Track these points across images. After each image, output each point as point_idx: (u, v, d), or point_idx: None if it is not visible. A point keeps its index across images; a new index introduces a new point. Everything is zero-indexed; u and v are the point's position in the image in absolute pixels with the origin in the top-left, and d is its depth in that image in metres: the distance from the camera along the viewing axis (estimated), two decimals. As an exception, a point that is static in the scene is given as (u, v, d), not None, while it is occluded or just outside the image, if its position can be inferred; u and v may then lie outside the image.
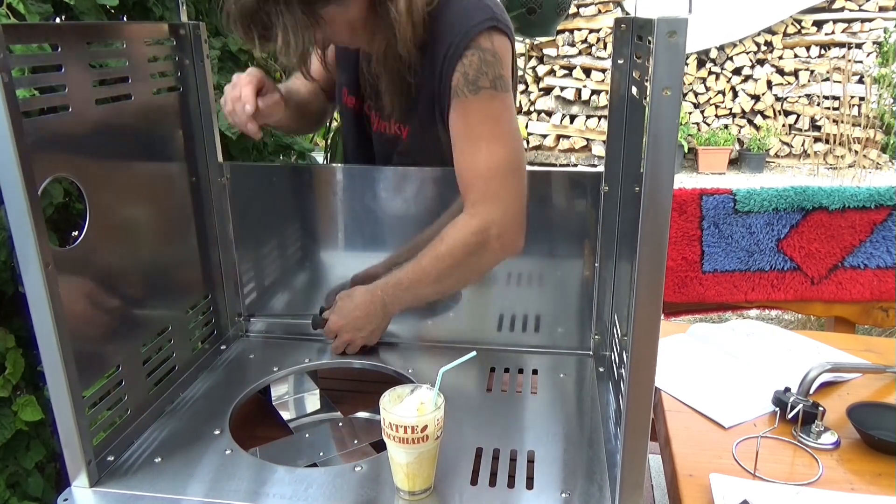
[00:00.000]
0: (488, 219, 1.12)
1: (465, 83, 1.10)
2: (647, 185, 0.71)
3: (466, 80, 1.10)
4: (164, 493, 0.90)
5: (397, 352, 1.27)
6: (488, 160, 1.11)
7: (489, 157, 1.11)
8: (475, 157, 1.12)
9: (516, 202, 1.14)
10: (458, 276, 1.19)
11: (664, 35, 0.66)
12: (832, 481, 1.04)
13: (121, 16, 1.45)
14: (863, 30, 6.79)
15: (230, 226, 1.31)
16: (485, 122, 1.12)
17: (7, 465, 1.27)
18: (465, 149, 1.13)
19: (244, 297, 1.37)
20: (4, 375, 1.22)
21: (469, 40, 1.09)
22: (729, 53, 7.04)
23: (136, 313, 1.09)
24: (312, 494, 0.89)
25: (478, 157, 1.12)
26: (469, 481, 0.92)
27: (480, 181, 1.13)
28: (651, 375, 0.78)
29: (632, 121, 1.04)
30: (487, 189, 1.12)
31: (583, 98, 7.32)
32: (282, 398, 1.25)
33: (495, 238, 1.13)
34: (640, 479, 0.82)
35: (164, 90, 1.15)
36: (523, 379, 1.19)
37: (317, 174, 1.31)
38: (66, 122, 0.92)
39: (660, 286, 0.75)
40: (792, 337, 1.52)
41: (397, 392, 0.91)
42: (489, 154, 1.11)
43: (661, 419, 1.24)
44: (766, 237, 1.92)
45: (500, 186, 1.12)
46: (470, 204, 1.14)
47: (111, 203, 1.02)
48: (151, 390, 1.11)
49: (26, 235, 0.82)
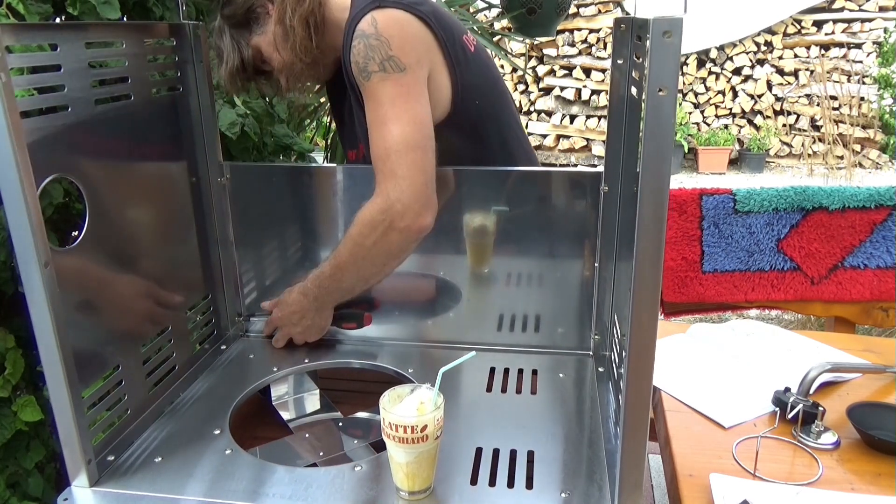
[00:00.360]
0: (391, 196, 1.13)
1: (358, 72, 1.14)
2: (644, 185, 0.72)
3: (359, 69, 1.13)
4: (164, 493, 0.90)
5: (397, 352, 1.27)
6: (385, 140, 1.13)
7: (387, 137, 1.13)
8: (376, 138, 1.14)
9: (418, 176, 1.14)
10: (372, 259, 1.18)
11: (659, 35, 0.67)
12: (832, 481, 1.04)
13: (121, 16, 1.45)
14: (863, 30, 6.79)
15: (230, 226, 1.31)
16: (381, 105, 1.13)
17: (7, 465, 1.26)
18: (371, 133, 1.15)
19: (244, 297, 1.37)
20: (4, 375, 1.22)
21: (353, 30, 1.13)
22: (729, 53, 7.04)
23: (135, 313, 1.09)
24: (312, 494, 0.89)
25: (378, 139, 1.14)
26: (469, 481, 0.92)
27: (381, 161, 1.14)
28: (649, 374, 0.78)
29: (631, 121, 1.04)
30: (387, 168, 1.13)
31: (583, 98, 7.32)
32: (282, 398, 1.25)
33: (399, 215, 1.13)
34: (640, 479, 0.82)
35: (164, 90, 1.15)
36: (523, 379, 1.19)
37: (317, 174, 1.31)
38: (66, 122, 0.92)
39: (657, 285, 0.75)
40: (792, 337, 1.52)
41: (397, 392, 0.91)
42: (386, 134, 1.13)
43: (661, 419, 1.24)
44: (766, 237, 1.92)
45: (400, 164, 1.13)
46: (376, 185, 1.16)
47: (111, 203, 1.02)
48: (151, 390, 1.11)
49: (25, 235, 0.82)
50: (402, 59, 1.12)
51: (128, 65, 1.05)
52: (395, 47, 1.12)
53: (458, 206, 1.25)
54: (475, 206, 1.25)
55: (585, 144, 7.40)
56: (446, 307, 1.31)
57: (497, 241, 1.26)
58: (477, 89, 1.26)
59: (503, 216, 1.24)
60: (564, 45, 7.24)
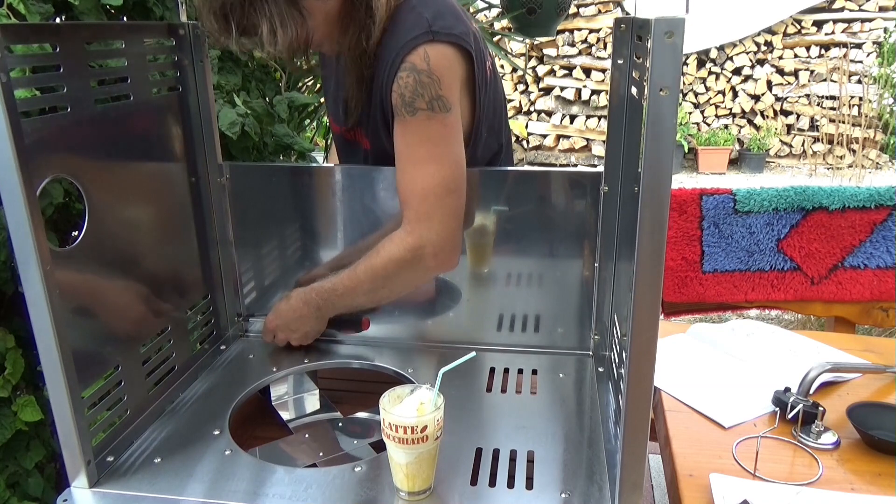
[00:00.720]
0: (423, 238, 1.14)
1: (402, 104, 1.10)
2: (644, 185, 0.71)
3: (403, 102, 1.10)
4: (163, 494, 0.90)
5: (397, 352, 1.27)
6: (424, 181, 1.12)
7: (425, 178, 1.12)
8: (413, 176, 1.14)
9: (452, 222, 1.16)
10: (390, 288, 1.22)
11: (661, 35, 0.67)
12: (832, 481, 1.04)
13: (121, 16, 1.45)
14: (863, 30, 6.78)
15: (230, 226, 1.31)
16: (422, 144, 1.12)
17: (7, 465, 1.26)
18: (405, 167, 1.14)
19: (244, 298, 1.37)
20: (4, 375, 1.22)
21: (403, 58, 1.09)
22: (729, 53, 7.03)
23: (135, 313, 1.09)
24: (312, 494, 0.89)
25: (415, 177, 1.13)
26: (469, 481, 0.91)
27: (417, 200, 1.14)
28: (650, 375, 0.78)
29: (631, 121, 1.04)
30: (423, 209, 1.14)
31: (583, 98, 7.32)
32: (281, 398, 1.25)
33: (430, 256, 1.15)
34: (640, 479, 0.82)
35: (163, 90, 1.15)
36: (523, 379, 1.19)
37: (317, 174, 1.31)
38: (66, 122, 0.92)
39: (658, 285, 0.75)
40: (792, 337, 1.52)
41: (397, 392, 0.90)
42: (426, 175, 1.12)
43: (661, 419, 1.24)
44: (766, 237, 1.92)
45: (436, 207, 1.14)
46: (406, 221, 1.16)
47: (111, 203, 1.02)
48: (151, 390, 1.11)
49: (25, 235, 0.82)
50: (449, 99, 1.11)
51: (128, 65, 1.05)
52: (444, 86, 1.10)
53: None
54: (475, 205, 1.25)
55: (585, 144, 7.40)
56: (446, 307, 1.31)
57: (497, 241, 1.26)
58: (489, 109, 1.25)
59: (503, 216, 1.24)
60: (564, 45, 7.23)
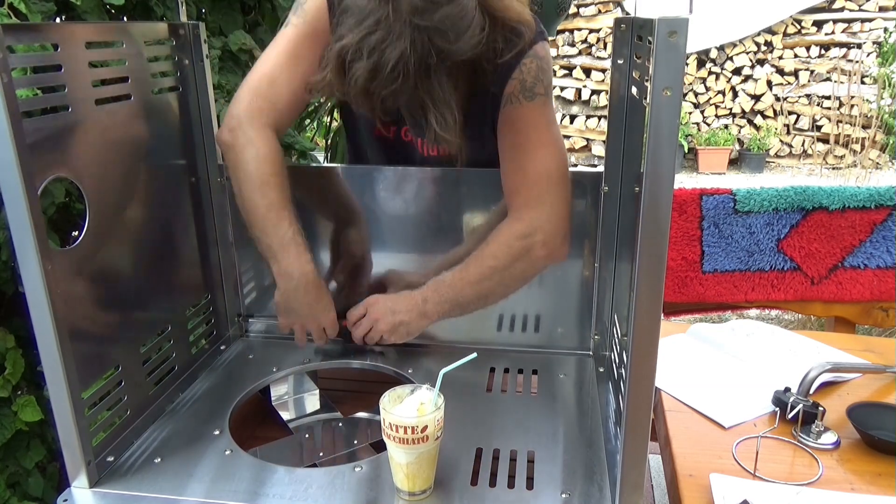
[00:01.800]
0: (534, 224, 1.13)
1: (521, 90, 1.11)
2: (647, 185, 0.71)
3: (523, 87, 1.11)
4: (163, 494, 0.90)
5: (397, 352, 1.27)
6: (537, 166, 1.12)
7: (538, 163, 1.12)
8: (525, 162, 1.13)
9: (563, 209, 1.15)
10: (499, 280, 1.17)
11: (665, 35, 0.67)
12: (832, 481, 1.04)
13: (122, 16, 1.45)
14: (863, 30, 6.78)
15: (230, 226, 1.31)
16: (537, 128, 1.12)
17: (7, 465, 1.27)
18: (516, 154, 1.13)
19: (244, 298, 1.37)
20: (4, 375, 1.22)
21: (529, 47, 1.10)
22: (729, 53, 7.03)
23: (135, 313, 1.09)
24: (312, 495, 0.89)
25: (527, 163, 1.12)
26: (469, 481, 0.92)
27: (527, 186, 1.13)
28: (651, 375, 0.78)
29: (632, 121, 1.04)
30: (534, 193, 1.13)
31: (583, 98, 7.32)
32: (282, 398, 1.25)
33: (541, 244, 1.13)
34: (640, 479, 0.82)
35: (164, 90, 1.15)
36: (523, 379, 1.19)
37: (317, 174, 1.31)
38: (66, 122, 0.92)
39: (660, 286, 0.75)
40: (792, 337, 1.52)
41: (397, 392, 0.91)
42: (539, 160, 1.12)
43: (661, 419, 1.24)
44: (766, 237, 1.92)
45: (547, 192, 1.13)
46: (515, 208, 1.15)
47: (111, 203, 1.02)
48: (151, 390, 1.11)
49: (26, 235, 0.82)
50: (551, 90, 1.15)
51: (128, 65, 1.05)
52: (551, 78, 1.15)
53: (458, 206, 1.25)
54: (475, 206, 1.25)
55: (585, 144, 7.40)
56: (446, 307, 1.31)
57: (497, 242, 1.26)
58: None
59: (504, 216, 1.24)
60: (564, 45, 7.23)
